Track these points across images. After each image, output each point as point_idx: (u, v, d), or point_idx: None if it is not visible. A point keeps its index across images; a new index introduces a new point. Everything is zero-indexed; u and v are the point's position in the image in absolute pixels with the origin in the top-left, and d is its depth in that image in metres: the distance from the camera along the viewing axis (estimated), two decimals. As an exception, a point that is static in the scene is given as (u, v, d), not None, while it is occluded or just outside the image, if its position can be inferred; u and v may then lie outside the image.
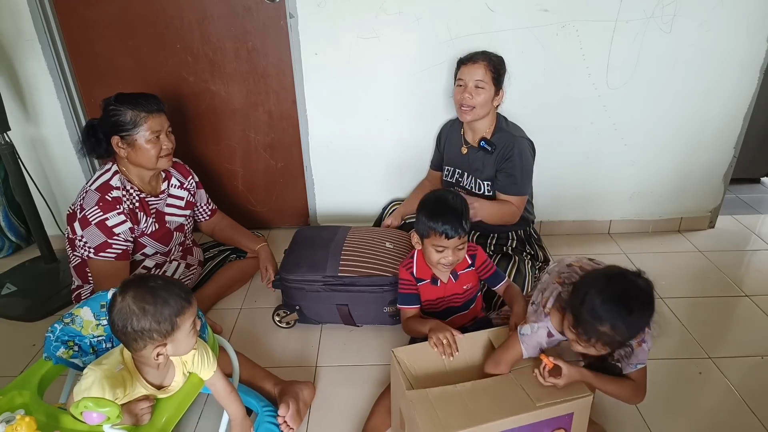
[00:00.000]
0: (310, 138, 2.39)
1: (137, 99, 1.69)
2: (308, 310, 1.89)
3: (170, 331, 1.11)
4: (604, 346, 1.16)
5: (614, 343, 1.16)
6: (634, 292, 1.12)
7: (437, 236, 1.47)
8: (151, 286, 1.12)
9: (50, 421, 1.11)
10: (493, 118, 2.00)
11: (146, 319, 1.08)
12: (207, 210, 2.09)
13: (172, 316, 1.11)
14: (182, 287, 1.16)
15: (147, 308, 1.09)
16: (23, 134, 2.28)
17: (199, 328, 1.20)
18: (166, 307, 1.10)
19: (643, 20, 2.10)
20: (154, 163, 1.73)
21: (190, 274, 2.01)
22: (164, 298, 1.11)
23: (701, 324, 1.88)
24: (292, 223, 2.64)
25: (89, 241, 1.68)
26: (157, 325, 1.09)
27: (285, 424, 1.45)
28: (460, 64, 1.96)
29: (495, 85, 1.92)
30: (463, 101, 1.92)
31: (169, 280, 1.18)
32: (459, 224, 1.46)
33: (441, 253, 1.50)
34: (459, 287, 1.62)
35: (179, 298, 1.13)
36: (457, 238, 1.47)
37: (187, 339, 1.16)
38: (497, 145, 1.97)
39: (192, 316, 1.16)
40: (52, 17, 2.13)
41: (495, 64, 1.91)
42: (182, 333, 1.14)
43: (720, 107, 2.30)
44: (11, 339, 1.92)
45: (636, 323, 1.14)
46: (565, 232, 2.56)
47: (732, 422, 1.52)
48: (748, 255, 2.39)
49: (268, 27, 2.19)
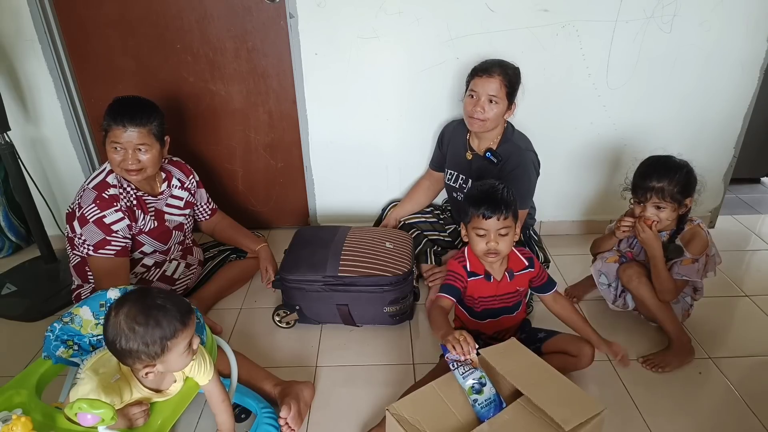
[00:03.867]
0: (310, 138, 2.39)
1: (118, 106, 1.67)
2: (308, 310, 1.89)
3: (159, 353, 1.08)
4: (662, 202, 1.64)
5: (668, 195, 1.64)
6: (670, 159, 1.70)
7: (477, 218, 1.47)
8: (148, 304, 1.09)
9: (47, 421, 1.12)
10: (501, 129, 1.98)
11: (135, 340, 1.06)
12: (207, 209, 2.09)
13: (164, 339, 1.08)
14: (181, 306, 1.12)
15: (137, 329, 1.06)
16: (23, 134, 2.28)
17: (196, 347, 1.17)
18: (157, 330, 1.07)
19: (643, 20, 2.10)
20: (119, 171, 1.71)
21: (190, 273, 2.01)
22: (157, 320, 1.07)
23: (701, 324, 1.88)
24: (292, 223, 2.64)
25: (88, 238, 1.68)
26: (146, 347, 1.07)
27: (287, 425, 1.45)
28: (474, 74, 1.90)
29: (508, 100, 1.88)
30: (473, 113, 1.88)
31: (170, 297, 1.13)
32: (497, 204, 1.45)
33: (483, 238, 1.49)
34: (513, 287, 1.59)
35: (174, 319, 1.09)
36: (495, 219, 1.45)
37: (180, 359, 1.13)
38: (503, 156, 1.94)
39: (187, 338, 1.12)
40: (52, 17, 2.13)
41: (510, 78, 1.87)
42: (173, 355, 1.11)
43: (720, 107, 2.30)
44: (11, 339, 1.92)
45: (676, 173, 1.64)
46: (565, 232, 2.56)
47: (732, 422, 1.52)
48: (748, 255, 2.38)
49: (268, 27, 2.19)
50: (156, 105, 1.75)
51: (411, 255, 1.95)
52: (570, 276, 2.17)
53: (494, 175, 1.96)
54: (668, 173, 1.65)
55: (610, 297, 1.85)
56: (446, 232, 2.24)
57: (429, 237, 2.21)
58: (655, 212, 1.68)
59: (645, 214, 1.69)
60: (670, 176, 1.65)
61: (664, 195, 1.65)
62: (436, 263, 2.14)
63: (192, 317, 1.14)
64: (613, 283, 1.84)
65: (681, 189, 1.65)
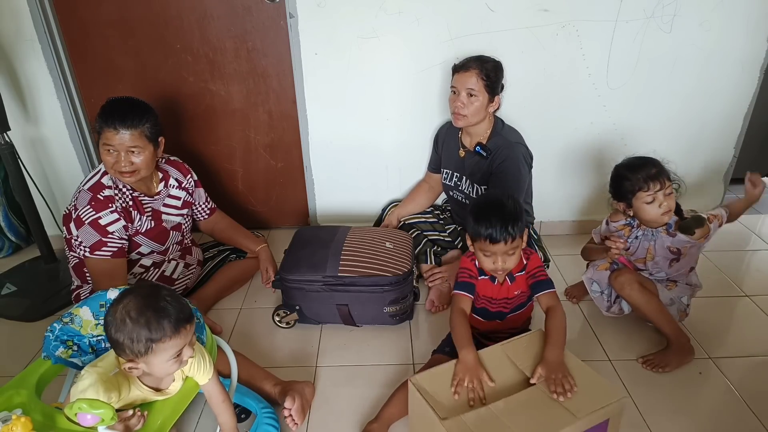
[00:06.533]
0: (310, 138, 2.39)
1: (110, 108, 1.65)
2: (308, 310, 1.89)
3: (143, 353, 1.07)
4: (658, 183, 1.63)
5: (663, 177, 1.64)
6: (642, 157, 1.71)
7: (482, 241, 1.42)
8: (147, 302, 1.07)
9: (47, 421, 1.11)
10: (490, 123, 2.00)
11: (122, 332, 1.05)
12: (206, 209, 2.09)
13: (149, 341, 1.06)
14: (181, 314, 1.10)
15: (127, 323, 1.05)
16: (23, 134, 2.28)
17: (186, 358, 1.14)
18: (144, 330, 1.05)
19: (643, 20, 2.10)
20: (112, 173, 1.70)
21: (189, 273, 2.01)
22: (148, 319, 1.06)
23: (701, 324, 1.88)
24: (292, 223, 2.64)
25: (84, 240, 1.68)
26: (131, 343, 1.06)
27: (290, 417, 1.45)
28: (454, 71, 1.95)
29: (489, 93, 1.90)
30: (455, 109, 1.92)
31: (175, 302, 1.11)
32: (505, 228, 1.38)
33: (489, 258, 1.45)
34: (511, 292, 1.55)
35: (166, 325, 1.06)
36: (503, 243, 1.39)
37: (164, 365, 1.11)
38: (492, 150, 1.96)
39: (176, 346, 1.10)
40: (52, 17, 2.13)
41: (488, 71, 1.89)
42: (158, 359, 1.09)
43: (720, 107, 2.30)
44: (11, 339, 1.92)
45: (655, 163, 1.66)
46: (565, 232, 2.56)
47: (732, 422, 1.52)
48: (748, 255, 2.38)
49: (268, 27, 2.19)
50: (149, 106, 1.72)
51: (411, 255, 1.95)
52: (570, 276, 2.17)
53: (485, 169, 1.98)
54: (649, 160, 1.67)
55: (604, 305, 1.85)
56: (446, 232, 2.24)
57: (429, 237, 2.21)
58: (667, 199, 1.64)
59: (665, 202, 1.63)
60: (652, 161, 1.67)
61: (662, 177, 1.64)
62: (436, 263, 2.14)
63: (188, 327, 1.11)
64: (606, 290, 1.84)
65: (663, 169, 1.67)
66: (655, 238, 1.74)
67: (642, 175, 1.65)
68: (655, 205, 1.64)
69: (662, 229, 1.72)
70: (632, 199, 1.68)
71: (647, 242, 1.76)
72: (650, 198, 1.65)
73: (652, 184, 1.63)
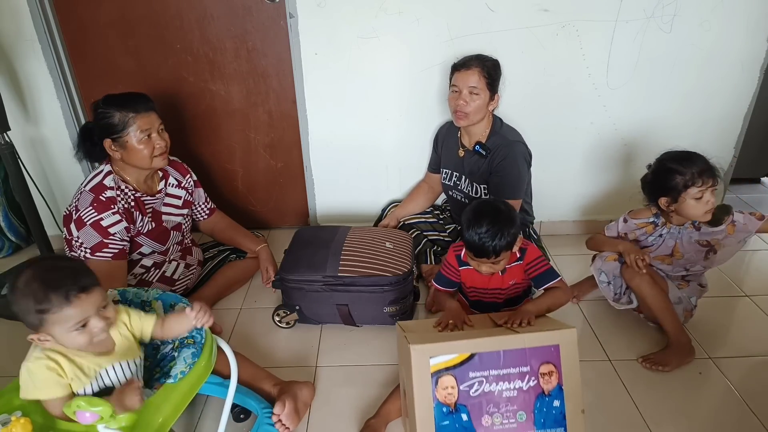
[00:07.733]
0: (310, 138, 2.39)
1: (124, 99, 1.68)
2: (308, 310, 1.89)
3: (37, 325, 1.02)
4: (710, 179, 1.60)
5: (712, 171, 1.61)
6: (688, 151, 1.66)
7: (470, 252, 1.47)
8: (37, 272, 1.01)
9: (47, 423, 1.11)
10: (489, 122, 2.00)
11: (16, 305, 1.01)
12: (205, 209, 2.09)
13: (39, 312, 1.00)
14: (75, 283, 1.03)
15: (17, 292, 1.01)
16: (23, 134, 2.28)
17: (96, 328, 1.07)
18: (30, 301, 1.00)
19: (643, 20, 2.10)
20: (149, 162, 1.73)
21: (189, 274, 2.01)
22: (34, 290, 0.99)
23: (701, 324, 1.88)
24: (292, 223, 2.64)
25: (85, 241, 1.68)
26: (23, 315, 1.02)
27: (280, 422, 1.44)
28: (454, 70, 1.95)
29: (489, 91, 1.91)
30: (457, 107, 1.92)
31: (71, 270, 1.05)
32: (492, 244, 1.39)
33: (475, 262, 1.50)
34: (505, 282, 1.56)
35: (53, 296, 0.99)
36: (487, 259, 1.44)
37: (68, 336, 1.05)
38: (491, 149, 1.97)
39: (73, 318, 1.03)
40: (52, 17, 2.13)
41: (489, 69, 1.90)
42: (57, 330, 1.03)
43: (720, 107, 2.30)
44: (11, 339, 1.92)
45: (703, 158, 1.63)
46: (565, 232, 2.56)
47: (732, 422, 1.52)
48: (748, 255, 2.38)
49: (268, 27, 2.19)
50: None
51: (411, 255, 1.95)
52: (570, 276, 2.17)
53: (484, 168, 1.98)
54: (697, 155, 1.65)
55: (610, 295, 1.85)
56: (446, 232, 2.24)
57: (429, 237, 2.21)
58: (712, 196, 1.62)
59: (711, 199, 1.61)
60: (700, 156, 1.63)
61: (713, 173, 1.62)
62: (436, 263, 2.14)
63: (82, 297, 1.03)
64: (613, 280, 1.84)
65: (710, 165, 1.64)
66: (680, 236, 1.72)
67: (696, 169, 1.60)
68: (703, 202, 1.61)
69: (688, 224, 1.71)
70: (682, 194, 1.62)
71: (672, 240, 1.74)
72: (700, 194, 1.60)
73: (705, 179, 1.59)
